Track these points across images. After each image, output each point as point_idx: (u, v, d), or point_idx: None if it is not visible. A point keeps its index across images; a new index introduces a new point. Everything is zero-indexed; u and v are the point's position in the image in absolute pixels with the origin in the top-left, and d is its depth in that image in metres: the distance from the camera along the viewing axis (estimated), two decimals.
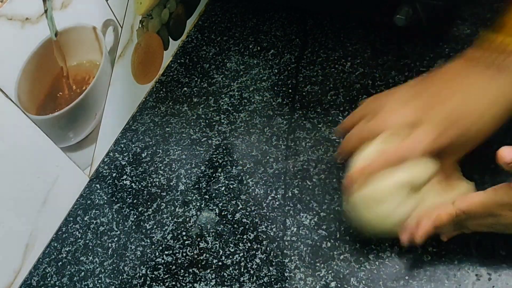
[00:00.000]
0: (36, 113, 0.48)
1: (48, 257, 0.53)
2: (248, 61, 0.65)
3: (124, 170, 0.58)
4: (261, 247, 0.48)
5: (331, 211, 0.49)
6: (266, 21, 0.69)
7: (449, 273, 0.43)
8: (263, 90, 0.62)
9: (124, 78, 0.60)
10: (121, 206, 0.55)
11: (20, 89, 0.45)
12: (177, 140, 0.59)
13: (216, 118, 0.60)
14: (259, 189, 0.53)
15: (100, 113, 0.57)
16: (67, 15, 0.48)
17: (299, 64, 0.63)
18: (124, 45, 0.58)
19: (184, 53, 0.69)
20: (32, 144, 0.48)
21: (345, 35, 0.64)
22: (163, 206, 0.54)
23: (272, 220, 0.50)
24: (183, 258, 0.49)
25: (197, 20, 0.73)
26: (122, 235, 0.53)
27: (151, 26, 0.62)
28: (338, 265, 0.46)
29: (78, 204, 0.56)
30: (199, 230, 0.51)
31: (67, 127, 0.52)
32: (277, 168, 0.54)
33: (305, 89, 0.60)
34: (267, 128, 0.58)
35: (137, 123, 0.62)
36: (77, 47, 0.51)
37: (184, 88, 0.65)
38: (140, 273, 0.49)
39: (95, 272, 0.50)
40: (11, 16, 0.42)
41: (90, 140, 0.57)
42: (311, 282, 0.45)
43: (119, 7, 0.55)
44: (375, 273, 0.45)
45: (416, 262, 0.44)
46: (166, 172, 0.57)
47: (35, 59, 0.46)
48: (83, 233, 0.54)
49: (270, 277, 0.46)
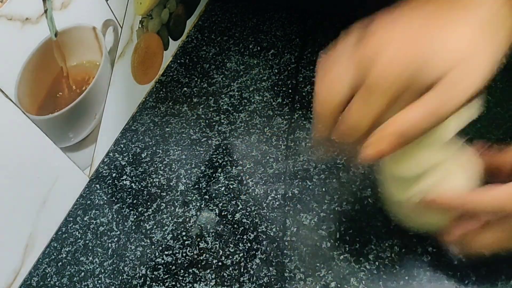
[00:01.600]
0: (36, 113, 0.48)
1: (48, 258, 0.53)
2: (248, 61, 0.65)
3: (124, 170, 0.58)
4: (261, 247, 0.48)
5: (331, 211, 0.49)
6: (266, 21, 0.69)
7: (449, 273, 0.43)
8: (263, 90, 0.62)
9: (124, 78, 0.60)
10: (121, 206, 0.55)
11: (20, 89, 0.45)
12: (177, 140, 0.59)
13: (216, 118, 0.60)
14: (259, 189, 0.53)
15: (100, 113, 0.57)
16: (67, 15, 0.48)
17: (299, 64, 0.63)
18: (124, 45, 0.58)
19: (184, 53, 0.69)
20: (31, 144, 0.48)
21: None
22: (163, 206, 0.54)
23: (272, 220, 0.50)
24: (183, 258, 0.49)
25: (197, 20, 0.73)
26: (122, 235, 0.53)
27: (151, 26, 0.62)
28: (338, 265, 0.46)
29: (78, 204, 0.56)
30: (199, 230, 0.51)
31: (67, 127, 0.52)
32: (277, 168, 0.54)
33: (305, 89, 0.60)
34: (267, 128, 0.58)
35: (137, 123, 0.62)
36: (77, 47, 0.51)
37: (184, 88, 0.65)
38: (140, 273, 0.49)
39: (95, 273, 0.50)
40: (11, 16, 0.42)
41: (90, 140, 0.57)
42: (311, 283, 0.45)
43: (119, 7, 0.55)
44: (375, 273, 0.45)
45: (416, 262, 0.44)
46: (166, 172, 0.57)
47: (35, 59, 0.46)
48: (83, 233, 0.54)
49: (270, 277, 0.46)
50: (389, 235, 0.46)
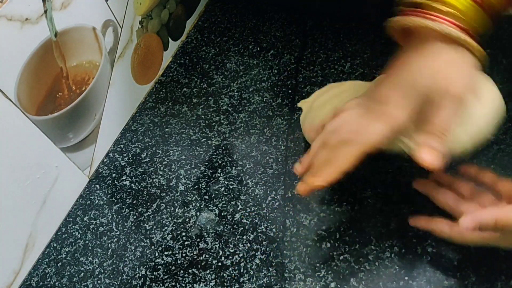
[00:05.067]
0: (36, 114, 0.48)
1: (47, 258, 0.53)
2: (247, 62, 0.65)
3: (123, 171, 0.58)
4: (260, 248, 0.48)
5: (331, 212, 0.49)
6: (266, 22, 0.69)
7: (449, 273, 0.43)
8: (263, 90, 0.62)
9: (123, 78, 0.60)
10: (120, 206, 0.55)
11: (20, 89, 0.45)
12: (177, 141, 0.59)
13: (215, 118, 0.60)
14: (258, 189, 0.53)
15: (100, 114, 0.57)
16: (66, 15, 0.48)
17: (299, 65, 0.63)
18: (123, 45, 0.58)
19: (183, 53, 0.69)
20: (31, 144, 0.48)
21: (345, 36, 0.64)
22: (163, 206, 0.54)
23: (271, 221, 0.50)
24: (182, 259, 0.49)
25: (196, 20, 0.73)
26: (122, 235, 0.53)
27: (150, 26, 0.62)
28: (337, 265, 0.46)
29: (78, 205, 0.56)
30: (199, 230, 0.51)
31: (66, 128, 0.52)
32: (277, 169, 0.54)
33: (305, 90, 0.60)
34: (267, 129, 0.58)
35: (136, 124, 0.62)
36: (77, 47, 0.51)
37: (184, 88, 0.65)
38: (139, 273, 0.49)
39: (94, 273, 0.50)
40: (10, 16, 0.42)
41: (90, 141, 0.57)
42: (310, 283, 0.45)
43: (119, 8, 0.55)
44: (375, 274, 0.45)
45: (415, 263, 0.44)
46: (165, 172, 0.57)
47: (34, 59, 0.46)
48: (83, 233, 0.54)
49: (270, 277, 0.46)
50: (389, 235, 0.46)
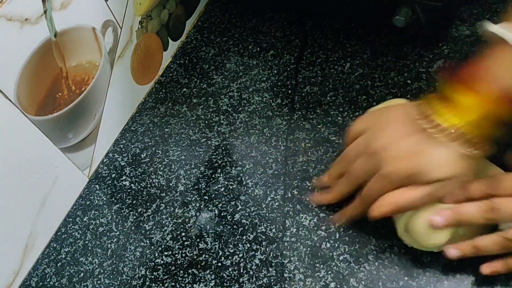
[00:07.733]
0: (35, 114, 0.48)
1: (47, 258, 0.52)
2: (247, 62, 0.65)
3: (123, 171, 0.58)
4: (260, 248, 0.48)
5: (331, 212, 0.49)
6: (266, 22, 0.69)
7: (449, 274, 0.43)
8: (263, 91, 0.62)
9: (123, 78, 0.60)
10: (120, 207, 0.55)
11: (19, 89, 0.45)
12: (177, 141, 0.59)
13: (215, 119, 0.60)
14: (258, 189, 0.53)
15: (100, 114, 0.57)
16: (66, 15, 0.48)
17: (299, 65, 0.63)
18: (123, 45, 0.58)
19: (183, 53, 0.69)
20: (31, 144, 0.48)
21: (345, 36, 0.64)
22: (163, 207, 0.54)
23: (271, 221, 0.50)
24: (182, 259, 0.49)
25: (196, 20, 0.73)
26: (122, 235, 0.52)
27: (150, 26, 0.62)
28: (337, 265, 0.46)
29: (78, 205, 0.56)
30: (199, 231, 0.51)
31: (66, 128, 0.52)
32: (277, 169, 0.54)
33: (305, 90, 0.60)
34: (267, 129, 0.58)
35: (136, 124, 0.62)
36: (77, 47, 0.51)
37: (184, 88, 0.65)
38: (139, 273, 0.49)
39: (94, 273, 0.50)
40: (10, 16, 0.42)
41: (90, 141, 0.57)
42: (310, 283, 0.45)
43: (119, 8, 0.55)
44: (375, 274, 0.45)
45: (415, 263, 0.44)
46: (165, 173, 0.57)
47: (34, 59, 0.46)
48: (83, 233, 0.54)
49: (270, 278, 0.46)
50: (389, 236, 0.46)
